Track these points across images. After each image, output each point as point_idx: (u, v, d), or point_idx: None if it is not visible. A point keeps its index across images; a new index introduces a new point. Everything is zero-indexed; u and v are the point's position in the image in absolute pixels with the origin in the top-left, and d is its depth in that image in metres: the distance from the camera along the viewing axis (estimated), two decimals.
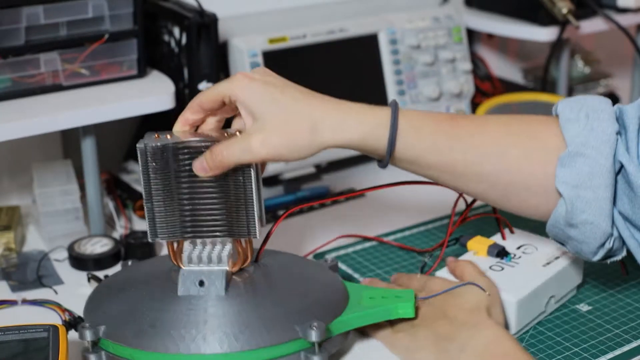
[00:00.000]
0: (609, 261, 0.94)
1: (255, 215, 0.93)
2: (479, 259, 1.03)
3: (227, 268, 0.94)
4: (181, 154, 0.92)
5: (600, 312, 1.03)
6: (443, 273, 1.02)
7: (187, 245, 0.96)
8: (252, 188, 0.93)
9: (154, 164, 0.93)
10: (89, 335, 0.91)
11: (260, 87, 0.91)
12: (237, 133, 0.93)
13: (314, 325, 0.89)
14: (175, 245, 0.96)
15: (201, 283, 0.93)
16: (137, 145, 0.93)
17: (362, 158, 1.41)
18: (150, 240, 0.95)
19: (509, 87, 1.62)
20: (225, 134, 0.94)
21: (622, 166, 0.89)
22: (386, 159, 0.91)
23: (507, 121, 0.94)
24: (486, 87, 1.56)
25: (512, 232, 1.10)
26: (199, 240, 0.96)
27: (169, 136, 0.94)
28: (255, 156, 0.90)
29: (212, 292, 0.93)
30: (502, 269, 1.01)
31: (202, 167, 0.91)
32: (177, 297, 0.93)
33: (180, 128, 0.95)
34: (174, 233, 0.95)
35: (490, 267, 1.02)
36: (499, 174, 0.91)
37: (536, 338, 0.98)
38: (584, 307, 1.04)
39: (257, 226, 0.94)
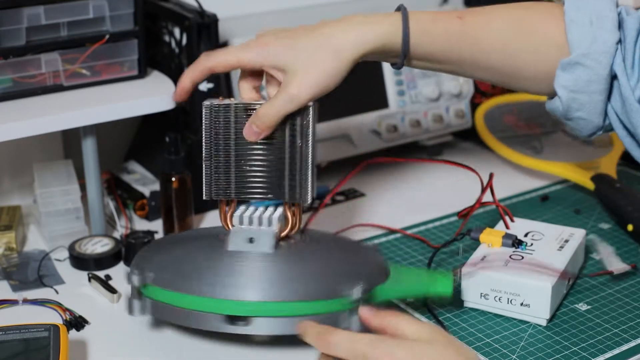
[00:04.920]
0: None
1: (309, 180, 0.97)
2: (495, 250, 1.05)
3: (276, 230, 0.97)
4: (244, 114, 0.97)
5: (598, 312, 1.03)
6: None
7: (239, 208, 1.00)
8: (308, 152, 0.97)
9: (217, 121, 0.98)
10: (137, 280, 0.95)
11: (276, 45, 0.96)
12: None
13: (358, 285, 0.92)
14: (227, 209, 1.00)
15: (251, 240, 0.96)
16: (204, 103, 0.98)
17: (362, 158, 1.41)
18: (205, 198, 0.99)
19: None
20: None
21: (617, 74, 0.94)
22: (400, 59, 0.97)
23: (514, 14, 0.98)
24: (485, 87, 1.56)
25: (512, 220, 1.11)
26: (252, 206, 1.00)
27: (230, 99, 0.99)
28: (300, 100, 0.95)
29: (261, 249, 0.96)
30: (522, 257, 1.03)
31: (252, 131, 0.96)
32: (226, 251, 0.96)
33: (184, 87, 1.00)
34: (228, 192, 0.99)
35: (510, 257, 1.03)
36: (504, 66, 0.98)
37: (535, 337, 0.99)
38: (582, 307, 1.04)
39: (309, 192, 0.97)
